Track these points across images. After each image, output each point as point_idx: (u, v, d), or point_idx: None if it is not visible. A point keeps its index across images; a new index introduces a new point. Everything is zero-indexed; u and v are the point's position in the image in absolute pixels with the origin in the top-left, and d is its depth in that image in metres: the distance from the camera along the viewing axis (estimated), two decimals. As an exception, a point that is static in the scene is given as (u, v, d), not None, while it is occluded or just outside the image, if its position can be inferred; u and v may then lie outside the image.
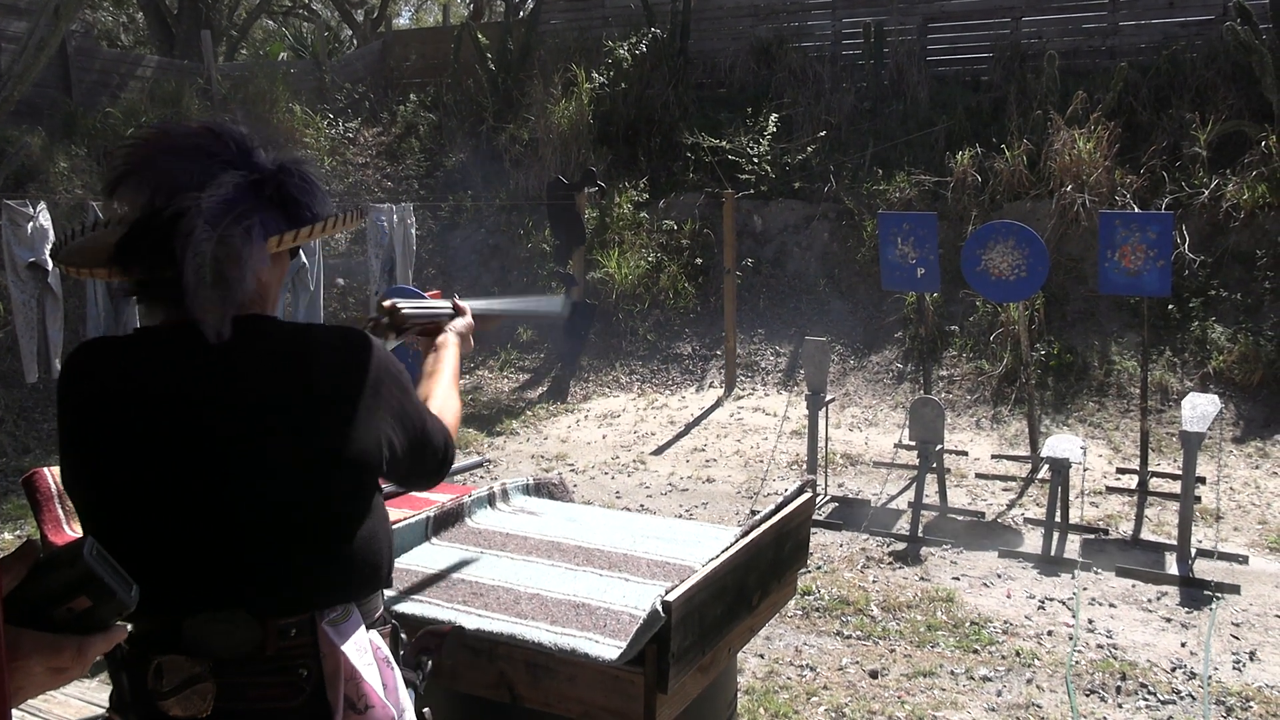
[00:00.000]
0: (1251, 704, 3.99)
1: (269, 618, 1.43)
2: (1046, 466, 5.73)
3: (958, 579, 5.33)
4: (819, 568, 5.48)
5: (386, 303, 2.01)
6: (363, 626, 1.52)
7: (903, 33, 11.33)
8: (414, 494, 3.05)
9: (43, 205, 6.90)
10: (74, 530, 4.07)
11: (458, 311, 2.11)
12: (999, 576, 5.35)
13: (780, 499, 2.54)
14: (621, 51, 12.34)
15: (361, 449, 1.49)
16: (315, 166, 1.55)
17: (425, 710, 1.70)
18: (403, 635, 1.71)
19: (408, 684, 1.62)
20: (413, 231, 9.04)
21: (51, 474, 3.44)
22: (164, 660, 1.43)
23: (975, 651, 4.49)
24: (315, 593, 1.47)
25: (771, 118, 11.06)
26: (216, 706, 1.42)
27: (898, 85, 11.11)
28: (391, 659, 1.57)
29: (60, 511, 3.78)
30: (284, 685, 1.44)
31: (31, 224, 6.73)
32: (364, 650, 1.50)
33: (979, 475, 7.01)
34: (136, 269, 1.42)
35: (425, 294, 2.17)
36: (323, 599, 1.47)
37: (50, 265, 6.92)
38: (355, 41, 16.61)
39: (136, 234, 1.41)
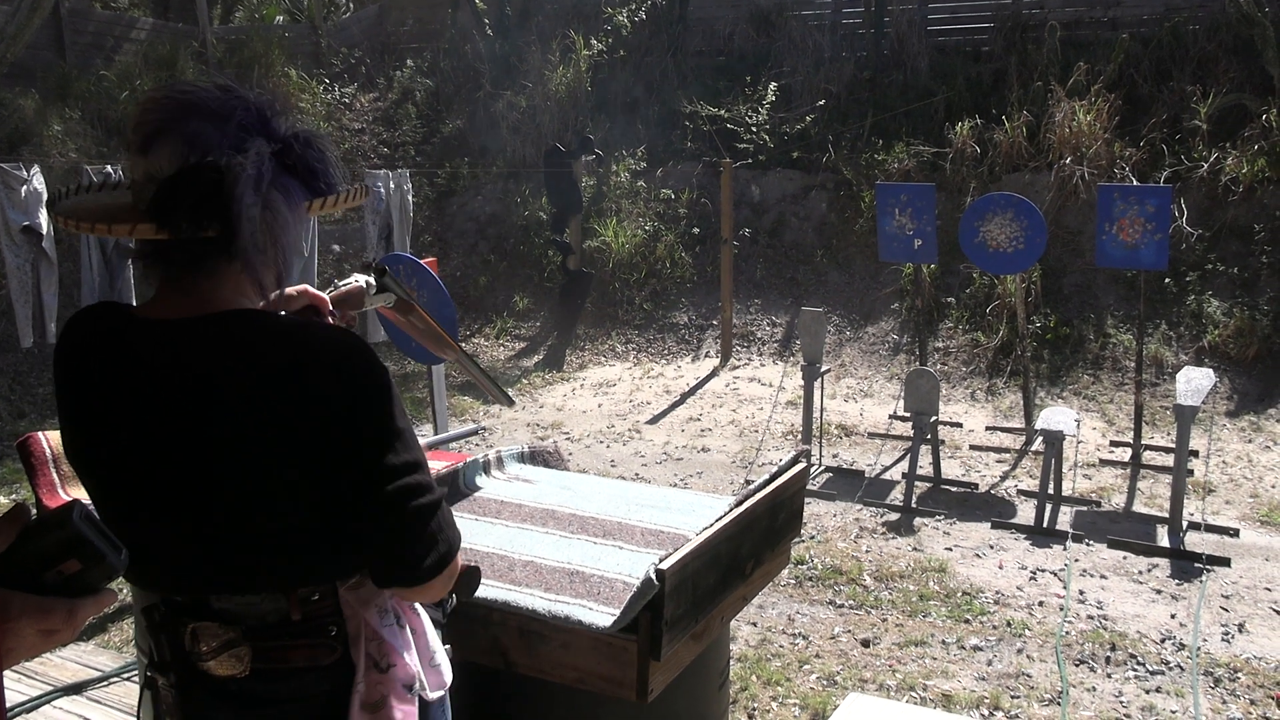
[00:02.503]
0: (1239, 675, 4.03)
1: (290, 590, 1.46)
2: (1041, 439, 5.75)
3: (950, 549, 5.36)
4: (812, 537, 5.51)
5: (355, 282, 2.00)
6: (383, 591, 1.53)
7: (904, 1, 11.24)
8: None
9: (36, 168, 6.85)
10: (69, 495, 4.07)
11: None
12: (991, 547, 5.38)
13: (775, 469, 2.54)
14: (620, 18, 12.24)
15: (360, 439, 1.42)
16: (326, 139, 1.52)
17: (448, 646, 1.73)
18: None
19: (434, 623, 1.66)
20: (410, 198, 9.00)
21: (46, 438, 3.43)
22: (198, 626, 1.46)
23: (967, 621, 4.52)
24: (331, 570, 1.48)
25: (770, 86, 10.99)
26: (254, 668, 1.45)
27: (898, 55, 11.02)
28: (419, 604, 1.60)
29: (55, 476, 3.78)
30: (315, 646, 1.48)
31: (25, 187, 6.69)
32: (385, 611, 1.53)
33: (973, 447, 7.03)
34: (178, 226, 1.36)
35: (421, 260, 2.17)
36: (340, 574, 1.50)
37: (45, 229, 6.89)
38: (351, 5, 16.44)
39: (180, 188, 1.35)
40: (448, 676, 1.63)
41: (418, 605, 1.62)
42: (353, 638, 1.49)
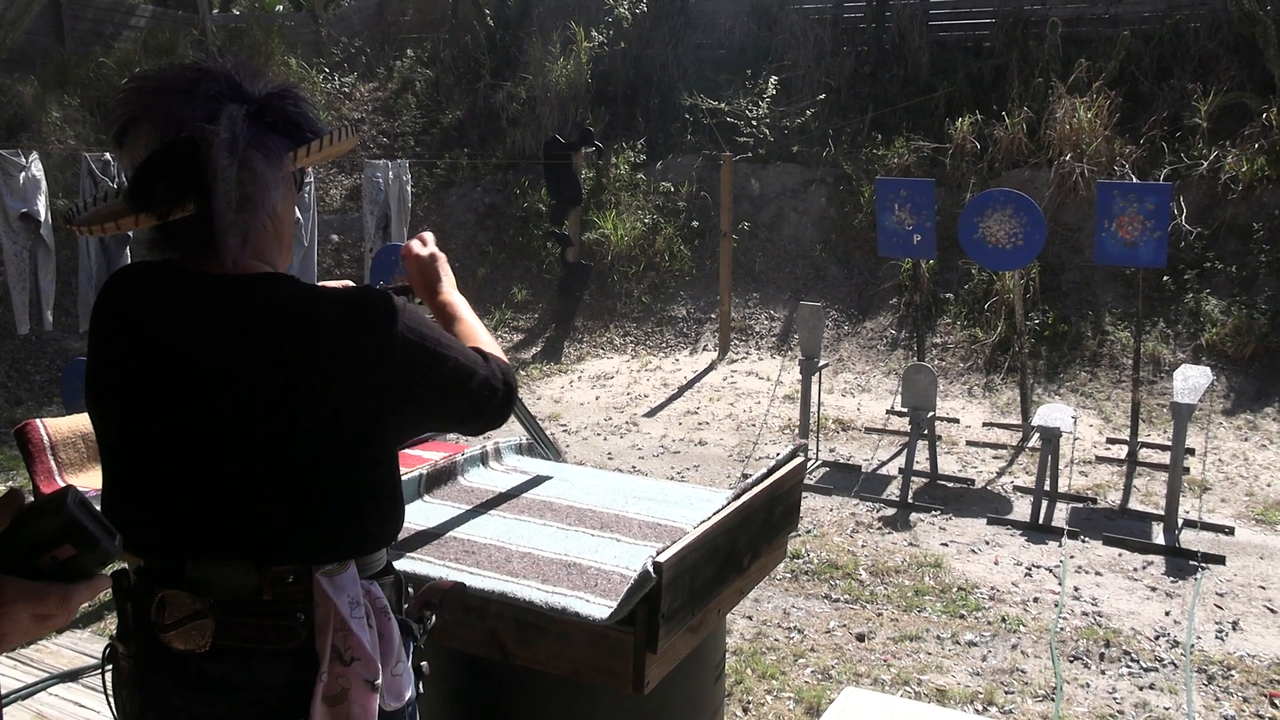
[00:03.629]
0: (1233, 673, 4.04)
1: (266, 565, 1.45)
2: (1037, 435, 5.76)
3: (946, 545, 5.37)
4: (809, 531, 5.51)
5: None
6: (359, 581, 1.53)
7: (905, -4, 11.24)
8: (408, 451, 3.06)
9: (35, 155, 6.84)
10: (66, 481, 4.08)
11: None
12: (987, 543, 5.39)
13: (772, 463, 2.54)
14: (621, 10, 12.22)
15: (365, 415, 1.47)
16: (301, 88, 1.55)
17: (423, 664, 1.72)
18: (409, 589, 1.73)
19: (404, 632, 1.63)
20: (408, 189, 8.99)
21: (44, 425, 3.44)
22: (167, 595, 1.45)
23: (962, 617, 4.53)
24: (310, 549, 1.48)
25: (771, 80, 10.97)
26: (215, 643, 1.44)
27: (899, 49, 11.01)
28: (390, 609, 1.58)
29: (52, 463, 3.79)
30: (280, 629, 1.46)
31: (24, 174, 6.68)
32: (357, 604, 1.51)
33: (970, 443, 7.04)
34: (158, 208, 1.38)
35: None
36: (318, 555, 1.49)
37: (43, 216, 6.88)
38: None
39: (152, 170, 1.38)
40: (408, 690, 1.59)
41: (389, 610, 1.58)
42: (320, 626, 1.47)
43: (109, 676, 1.58)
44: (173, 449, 1.45)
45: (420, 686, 1.68)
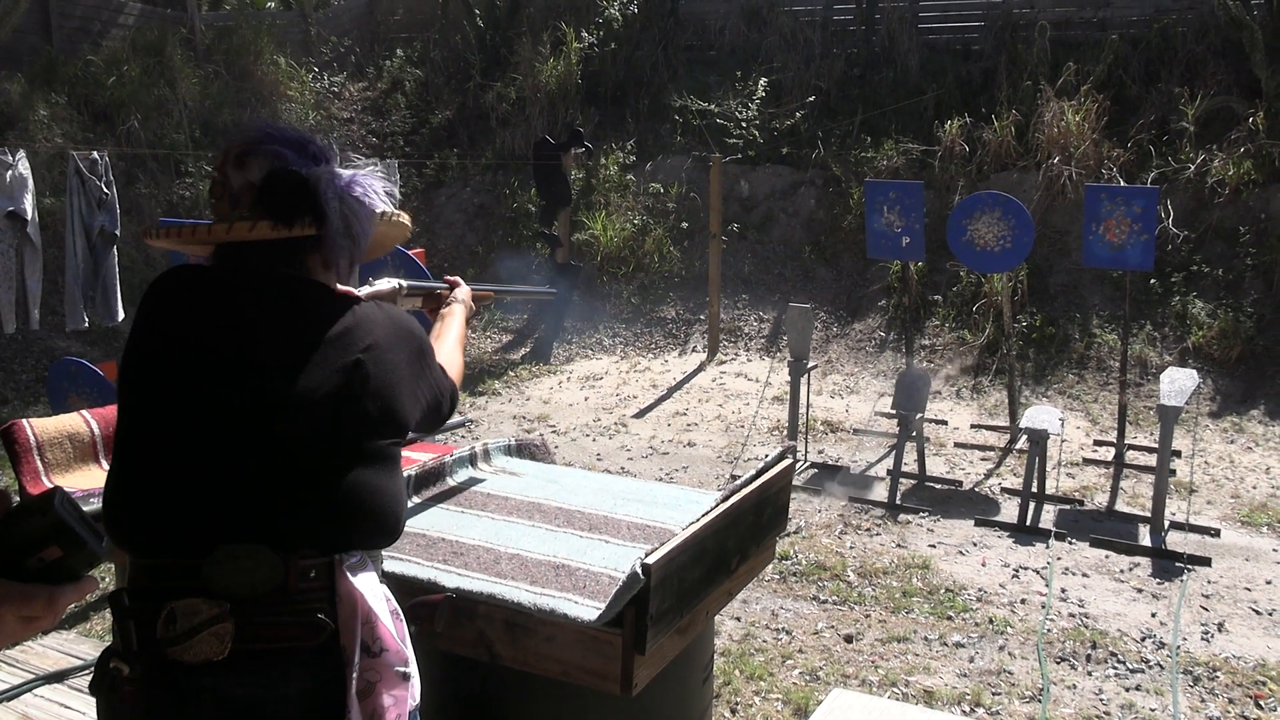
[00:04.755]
0: (1219, 674, 4.06)
1: (290, 555, 1.47)
2: (1025, 437, 5.78)
3: (934, 546, 5.39)
4: (796, 532, 5.52)
5: (388, 285, 2.25)
6: (376, 575, 1.57)
7: (895, -1, 11.27)
8: (402, 451, 3.05)
9: (22, 153, 6.81)
10: (52, 482, 4.06)
11: (453, 286, 2.40)
12: (975, 545, 5.41)
13: (761, 464, 2.55)
14: (612, 11, 12.22)
15: (393, 409, 1.63)
16: (373, 177, 1.76)
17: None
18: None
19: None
20: (396, 190, 8.97)
21: (30, 425, 3.42)
22: (178, 605, 1.44)
23: (949, 618, 4.55)
24: (335, 536, 1.51)
25: (761, 82, 10.99)
26: (233, 648, 1.43)
27: (888, 52, 11.04)
28: (400, 613, 1.61)
29: (39, 463, 3.77)
30: (302, 625, 1.47)
31: (10, 173, 6.65)
32: (379, 598, 1.54)
33: (958, 444, 7.06)
34: (277, 215, 1.60)
35: (409, 251, 2.34)
36: (342, 543, 1.53)
37: (30, 215, 6.84)
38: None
39: (277, 186, 1.61)
40: (416, 694, 1.60)
41: (400, 612, 1.62)
42: (345, 622, 1.49)
43: (102, 703, 1.52)
44: (193, 438, 1.50)
45: None
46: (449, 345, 2.14)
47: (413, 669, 1.57)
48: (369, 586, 1.53)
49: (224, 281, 1.63)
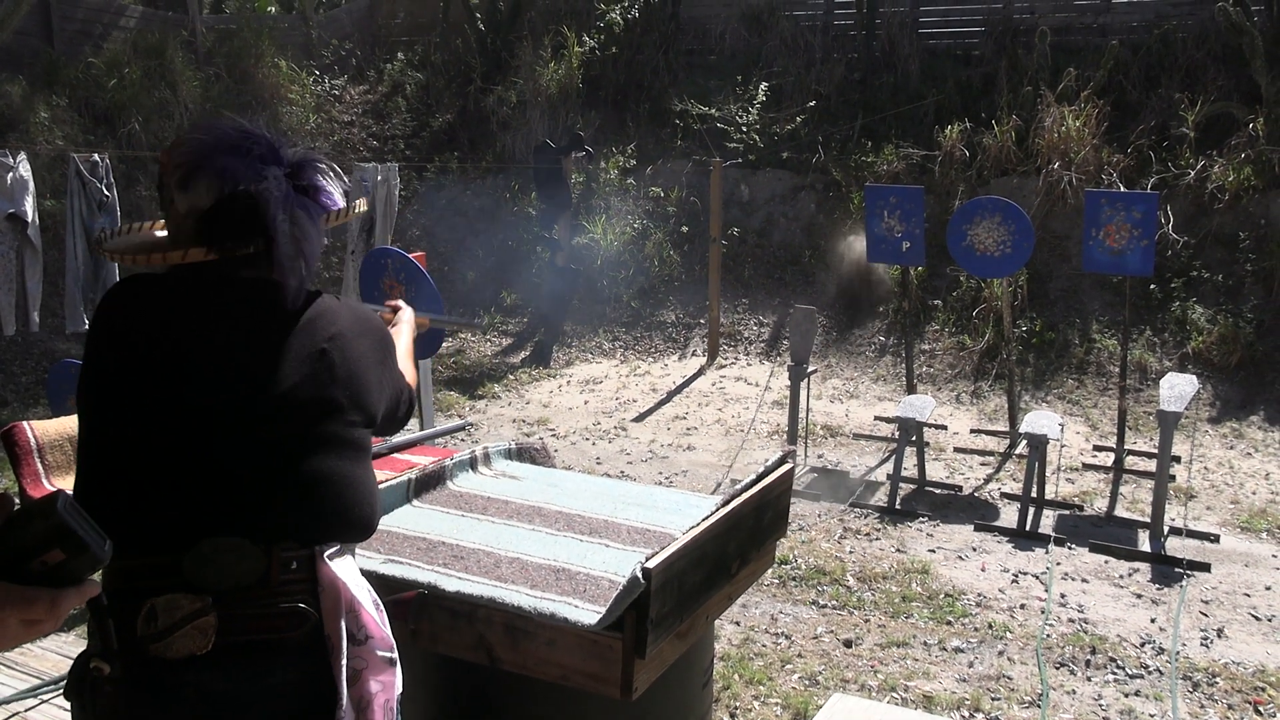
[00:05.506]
0: (1218, 680, 4.06)
1: (272, 547, 1.48)
2: (1025, 442, 5.78)
3: (933, 551, 5.38)
4: (796, 535, 5.52)
5: (419, 318, 2.47)
6: (356, 567, 1.58)
7: (895, 3, 11.26)
8: (397, 456, 3.05)
9: (23, 156, 6.81)
10: (52, 484, 4.05)
11: (395, 309, 2.44)
12: (974, 550, 5.41)
13: (761, 469, 2.55)
14: (613, 15, 12.23)
15: (360, 396, 1.65)
16: (322, 156, 1.77)
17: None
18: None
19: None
20: (396, 192, 8.97)
21: (31, 428, 3.41)
22: (158, 601, 1.44)
23: (949, 623, 4.54)
24: (314, 527, 1.52)
25: (761, 86, 11.00)
26: (218, 643, 1.43)
27: (889, 57, 11.05)
28: (380, 602, 1.62)
29: (39, 466, 3.76)
30: (286, 616, 1.48)
31: (11, 175, 6.64)
32: (361, 586, 1.56)
33: (958, 449, 7.06)
34: (226, 244, 1.59)
35: (410, 255, 2.39)
36: (321, 535, 1.53)
37: (30, 217, 6.85)
38: (343, -3, 16.42)
39: (221, 215, 1.58)
40: (399, 682, 1.60)
41: (380, 604, 1.63)
42: (328, 612, 1.50)
43: (79, 707, 1.50)
44: (168, 440, 1.50)
45: None
46: (400, 354, 2.10)
47: (396, 655, 1.59)
48: (350, 575, 1.54)
49: (186, 288, 1.62)
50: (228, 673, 1.44)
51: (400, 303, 2.44)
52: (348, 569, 1.55)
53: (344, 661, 1.48)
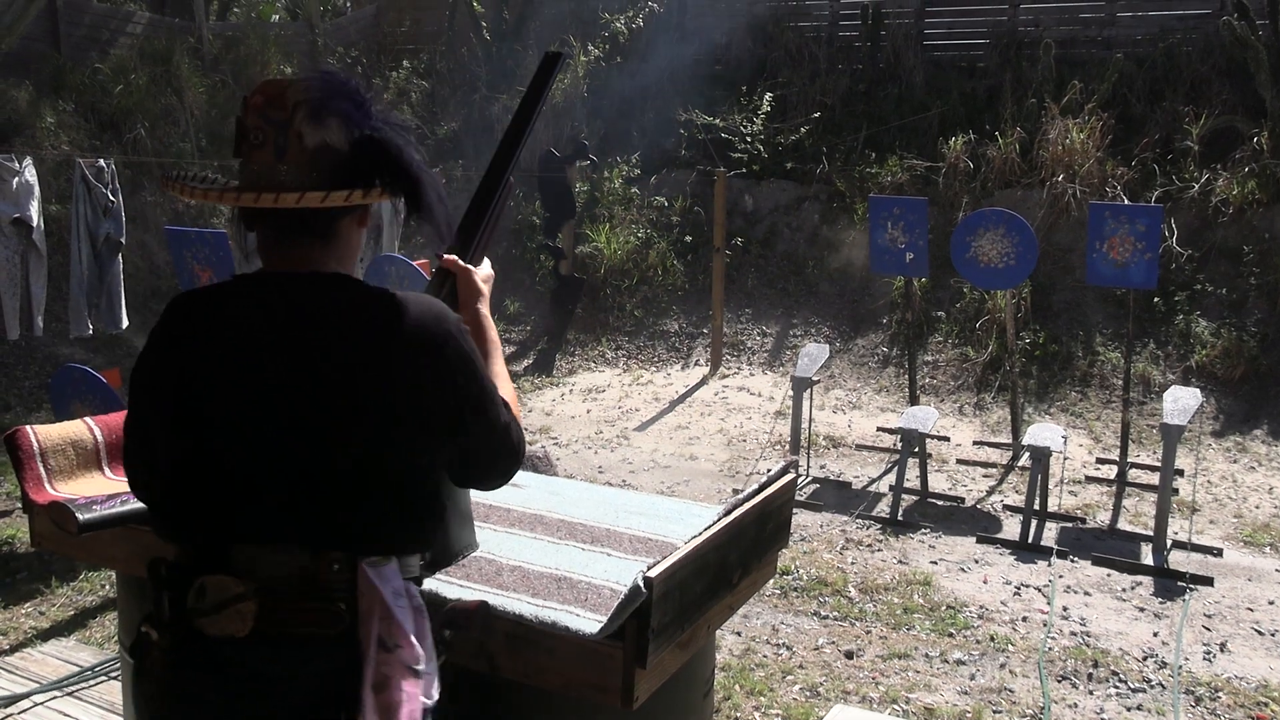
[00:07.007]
0: (1220, 694, 4.05)
1: (320, 549, 1.51)
2: (1027, 454, 5.77)
3: (935, 563, 5.37)
4: (798, 546, 5.51)
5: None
6: (400, 576, 1.58)
7: (900, 15, 11.29)
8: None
9: (29, 160, 6.83)
10: (55, 489, 4.05)
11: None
12: (976, 562, 5.39)
13: (763, 479, 2.54)
14: (618, 25, 12.26)
15: (423, 416, 1.56)
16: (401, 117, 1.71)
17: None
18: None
19: (437, 641, 1.67)
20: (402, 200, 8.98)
21: (34, 432, 3.42)
22: (209, 580, 1.49)
23: (950, 635, 4.53)
24: (359, 536, 1.54)
25: (766, 97, 11.02)
26: (255, 629, 1.48)
27: (893, 68, 11.08)
28: (425, 610, 1.62)
29: (42, 470, 3.76)
30: (323, 613, 1.51)
31: (17, 179, 6.67)
32: (400, 595, 1.56)
33: (960, 461, 7.05)
34: (376, 184, 1.58)
35: (413, 262, 2.25)
36: (366, 545, 1.54)
37: (35, 221, 6.86)
38: (349, 5, 16.44)
39: (369, 155, 1.57)
40: (436, 692, 1.61)
41: (424, 609, 1.62)
42: (364, 614, 1.52)
43: (128, 670, 1.60)
44: (230, 441, 1.52)
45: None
46: (499, 368, 1.92)
47: (426, 667, 1.58)
48: (389, 583, 1.55)
49: (253, 291, 1.59)
50: (262, 658, 1.49)
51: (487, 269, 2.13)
52: (388, 576, 1.55)
53: (371, 666, 1.50)
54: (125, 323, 7.33)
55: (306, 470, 1.51)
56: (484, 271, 2.10)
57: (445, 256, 2.06)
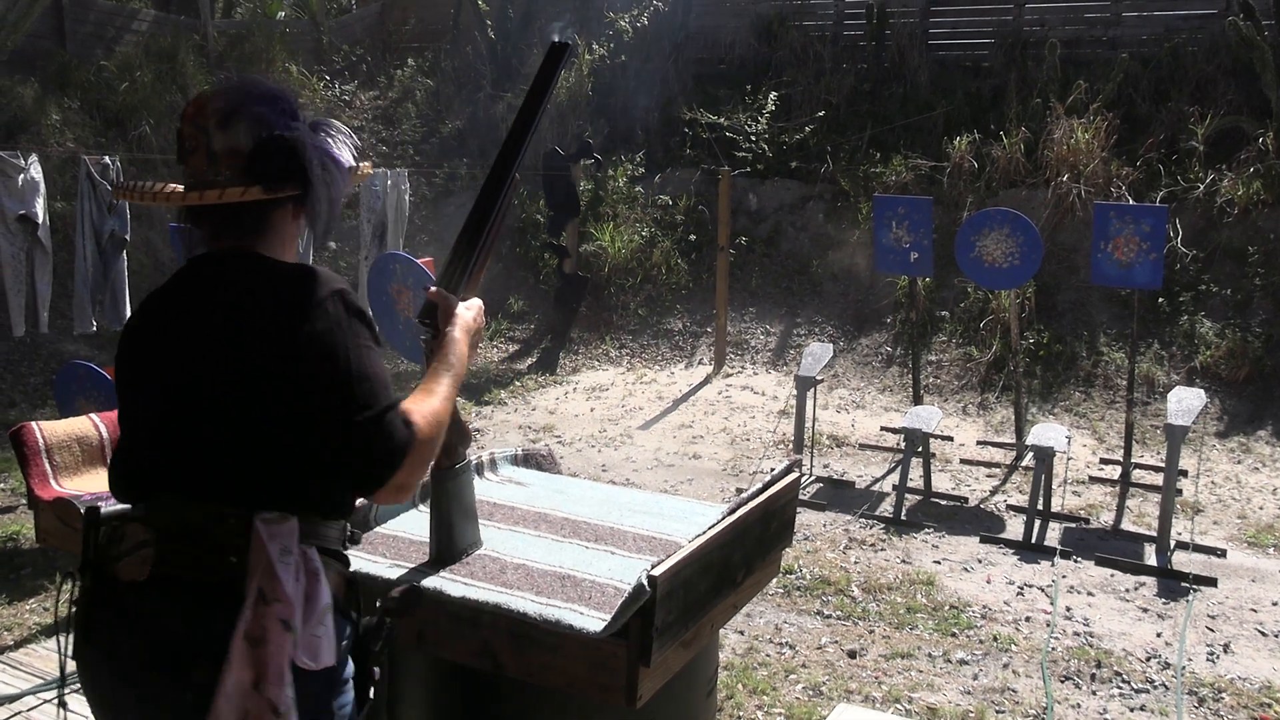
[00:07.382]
0: (1223, 695, 4.04)
1: (213, 502, 1.62)
2: (1031, 454, 5.77)
3: (939, 563, 5.37)
4: (801, 545, 5.51)
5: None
6: (296, 537, 1.62)
7: (905, 15, 11.28)
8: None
9: (34, 158, 6.84)
10: (60, 485, 4.06)
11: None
12: (980, 562, 5.39)
13: (767, 478, 2.54)
14: (623, 24, 12.26)
15: (294, 380, 1.63)
16: (336, 123, 1.88)
17: (375, 669, 1.78)
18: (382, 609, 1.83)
19: (341, 615, 1.71)
20: (406, 198, 9.00)
21: (39, 428, 3.43)
22: (127, 527, 1.65)
23: (953, 635, 4.53)
24: (248, 491, 1.62)
25: (771, 96, 11.01)
26: (151, 573, 1.60)
27: (898, 68, 11.07)
28: (321, 574, 1.65)
29: (47, 466, 3.78)
30: (212, 563, 1.60)
31: (22, 176, 6.68)
32: (288, 553, 1.61)
33: (964, 461, 7.04)
34: (270, 182, 1.70)
35: (418, 260, 2.25)
36: (256, 500, 1.62)
37: (40, 218, 6.87)
38: (354, 2, 16.45)
39: (263, 155, 1.69)
40: (325, 657, 1.63)
41: (321, 574, 1.65)
42: (251, 568, 1.59)
43: (61, 604, 1.74)
44: (153, 405, 1.69)
45: (371, 692, 1.77)
46: (443, 391, 1.86)
47: (308, 628, 1.61)
48: (279, 540, 1.60)
49: (190, 273, 1.76)
50: (157, 603, 1.60)
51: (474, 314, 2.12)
52: (280, 535, 1.60)
53: (247, 617, 1.56)
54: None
55: (201, 426, 1.63)
56: (470, 302, 2.16)
57: (430, 290, 2.19)
